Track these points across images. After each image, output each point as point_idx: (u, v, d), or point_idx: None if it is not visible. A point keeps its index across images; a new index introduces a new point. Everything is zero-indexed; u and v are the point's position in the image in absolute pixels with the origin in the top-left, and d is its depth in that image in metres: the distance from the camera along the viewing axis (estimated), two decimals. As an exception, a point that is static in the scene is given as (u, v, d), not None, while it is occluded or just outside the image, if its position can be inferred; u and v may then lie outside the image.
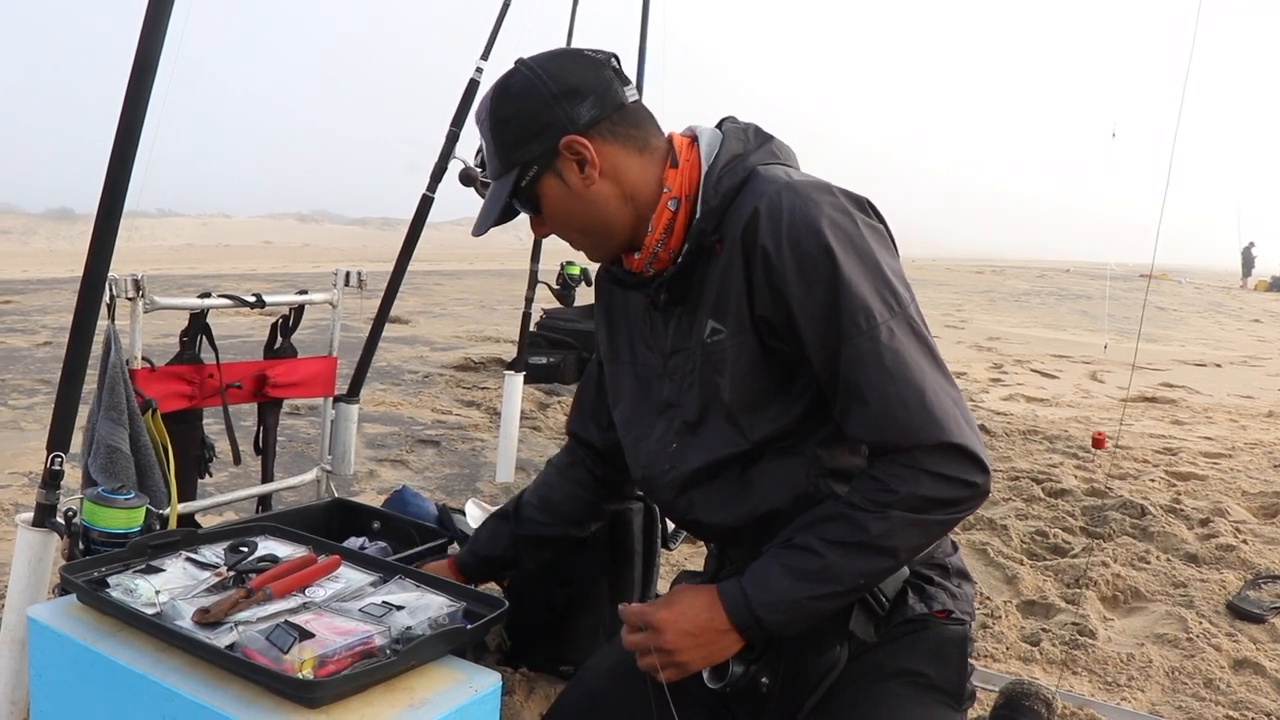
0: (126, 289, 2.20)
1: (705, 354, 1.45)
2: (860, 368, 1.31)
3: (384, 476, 4.69)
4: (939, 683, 1.47)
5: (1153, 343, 13.30)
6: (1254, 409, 8.10)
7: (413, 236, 3.53)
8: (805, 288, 1.33)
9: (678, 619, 1.38)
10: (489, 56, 3.72)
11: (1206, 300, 24.97)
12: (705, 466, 1.49)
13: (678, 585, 1.48)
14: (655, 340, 1.56)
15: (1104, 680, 2.83)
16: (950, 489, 1.31)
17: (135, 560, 1.60)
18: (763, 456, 1.46)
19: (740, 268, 1.39)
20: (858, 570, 1.35)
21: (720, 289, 1.42)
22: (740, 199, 1.41)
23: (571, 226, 1.48)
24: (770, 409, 1.43)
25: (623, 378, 1.64)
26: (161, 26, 1.91)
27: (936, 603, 1.52)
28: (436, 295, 15.70)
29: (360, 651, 1.32)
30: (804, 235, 1.33)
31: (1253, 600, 3.38)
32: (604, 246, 1.50)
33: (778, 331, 1.38)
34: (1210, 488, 5.09)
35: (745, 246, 1.37)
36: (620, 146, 1.44)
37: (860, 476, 1.38)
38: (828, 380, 1.36)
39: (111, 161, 1.92)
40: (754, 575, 1.38)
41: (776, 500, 1.45)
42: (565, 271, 8.74)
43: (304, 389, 2.84)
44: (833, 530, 1.34)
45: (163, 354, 2.47)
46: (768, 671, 1.45)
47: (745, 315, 1.40)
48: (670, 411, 1.53)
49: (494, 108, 1.43)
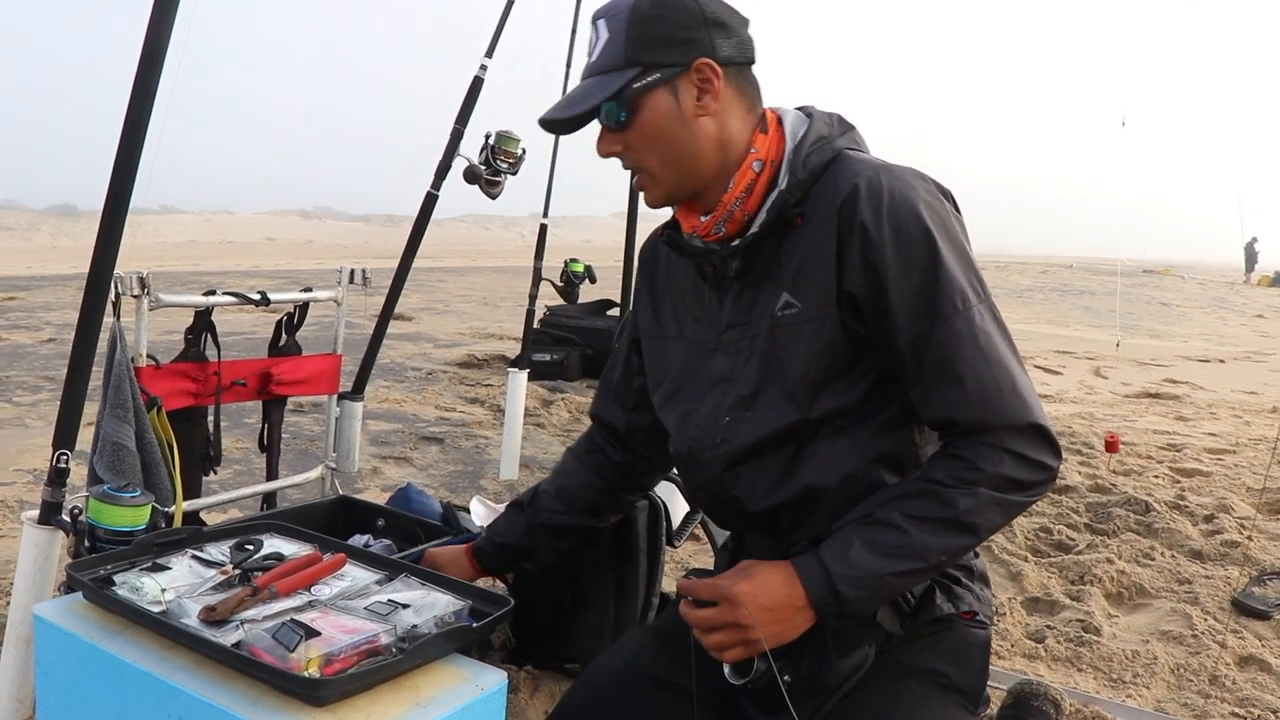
0: (132, 286, 2.20)
1: (773, 327, 1.43)
2: (955, 347, 1.33)
3: (388, 474, 4.70)
4: (959, 684, 1.45)
5: (1156, 338, 13.30)
6: (1258, 404, 8.09)
7: (417, 233, 3.53)
8: (902, 266, 1.34)
9: (756, 592, 1.33)
10: (493, 54, 3.72)
11: (1210, 296, 24.94)
12: (758, 442, 1.46)
13: (745, 561, 1.41)
14: (706, 314, 1.54)
15: (1109, 677, 2.83)
16: (1030, 471, 1.33)
17: (141, 558, 1.60)
18: (816, 435, 1.44)
19: (829, 242, 1.38)
20: (940, 547, 1.34)
21: (800, 263, 1.41)
22: (827, 177, 1.41)
23: (657, 152, 1.43)
24: (834, 386, 1.41)
25: (669, 352, 1.61)
26: (168, 22, 1.91)
27: (963, 603, 1.52)
28: (440, 292, 15.70)
29: (366, 650, 1.32)
30: (904, 215, 1.35)
31: (1258, 597, 3.38)
32: (678, 186, 1.46)
33: (860, 308, 1.37)
34: (1214, 484, 5.08)
35: (841, 221, 1.36)
36: (737, 94, 1.44)
37: (939, 456, 1.38)
38: (911, 360, 1.36)
39: (117, 160, 1.92)
40: (833, 550, 1.34)
41: (825, 479, 1.43)
42: (569, 269, 8.75)
43: (308, 386, 2.84)
44: (917, 506, 1.34)
45: (167, 351, 2.47)
46: (790, 669, 1.44)
47: (830, 290, 1.38)
48: (724, 385, 1.50)
49: (638, 2, 1.40)
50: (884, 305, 1.35)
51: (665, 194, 1.48)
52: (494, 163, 3.58)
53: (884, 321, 1.36)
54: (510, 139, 3.61)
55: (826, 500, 1.44)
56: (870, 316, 1.37)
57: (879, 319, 1.37)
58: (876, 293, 1.36)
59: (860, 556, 1.33)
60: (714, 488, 1.54)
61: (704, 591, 1.37)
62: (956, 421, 1.35)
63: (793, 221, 1.42)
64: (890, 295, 1.35)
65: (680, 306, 1.60)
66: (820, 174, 1.42)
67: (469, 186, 3.59)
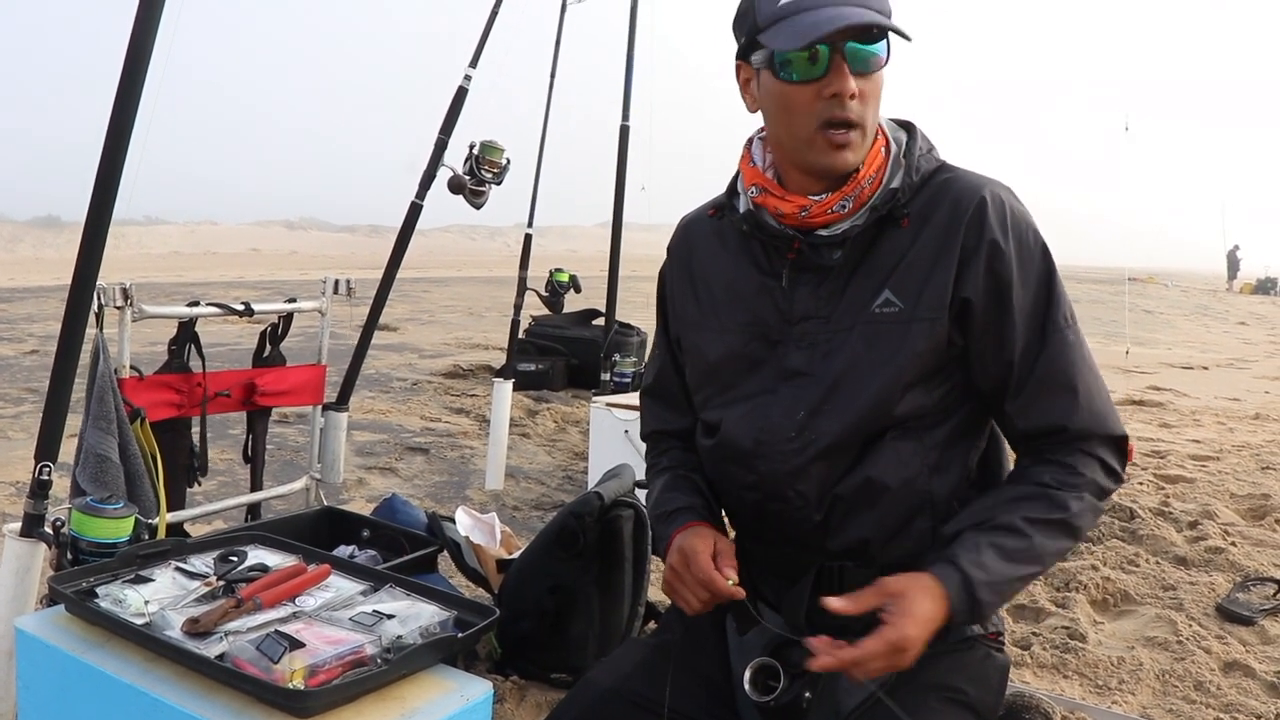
0: (115, 298, 2.19)
1: (868, 323, 1.42)
2: (1069, 359, 1.39)
3: (373, 484, 4.68)
4: (976, 704, 1.44)
5: (1141, 346, 13.36)
6: (1241, 411, 8.13)
7: (402, 244, 3.53)
8: (1023, 279, 1.39)
9: (923, 634, 1.29)
10: (477, 64, 3.73)
11: (1193, 303, 25.10)
12: (839, 437, 1.43)
13: (886, 583, 1.32)
14: (766, 303, 1.49)
15: (1095, 684, 2.83)
16: (1112, 481, 1.40)
17: (124, 570, 1.59)
18: (885, 434, 1.43)
19: (947, 249, 1.38)
20: (1054, 550, 1.37)
21: (905, 264, 1.41)
22: (936, 185, 1.42)
23: (875, 107, 1.39)
24: (917, 389, 1.41)
25: (718, 343, 1.55)
26: (151, 32, 1.91)
27: (990, 623, 1.52)
28: (425, 302, 15.68)
29: (351, 661, 1.32)
30: (1025, 232, 1.41)
31: (1242, 602, 3.39)
32: (866, 149, 1.41)
33: (971, 316, 1.38)
34: (1198, 490, 5.10)
35: (968, 232, 1.38)
36: None
37: (1035, 461, 1.41)
38: (1021, 368, 1.39)
39: (100, 170, 1.91)
40: (969, 557, 1.32)
41: (887, 477, 1.42)
42: (554, 278, 8.75)
43: (293, 397, 2.84)
44: (1034, 509, 1.36)
45: (151, 362, 2.46)
46: (810, 686, 1.43)
47: (945, 294, 1.38)
48: (800, 380, 1.46)
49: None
50: (1002, 314, 1.38)
51: (863, 155, 1.41)
52: (478, 173, 3.58)
53: (998, 330, 1.39)
54: (495, 149, 3.61)
55: (884, 500, 1.43)
56: (979, 325, 1.39)
57: (990, 328, 1.39)
58: (997, 302, 1.38)
59: (994, 564, 1.33)
60: (776, 482, 1.48)
61: (875, 648, 1.26)
62: (1066, 429, 1.38)
63: (899, 221, 1.42)
64: (1013, 305, 1.38)
65: (729, 297, 1.54)
66: (927, 180, 1.43)
67: (454, 196, 3.59)
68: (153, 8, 1.93)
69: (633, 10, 5.06)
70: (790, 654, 1.47)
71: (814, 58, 1.33)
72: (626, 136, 4.99)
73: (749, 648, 1.53)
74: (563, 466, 5.21)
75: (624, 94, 4.98)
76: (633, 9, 5.06)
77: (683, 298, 1.62)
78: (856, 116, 1.35)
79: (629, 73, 5.00)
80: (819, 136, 1.37)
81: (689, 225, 1.64)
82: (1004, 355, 1.39)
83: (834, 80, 1.33)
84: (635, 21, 5.03)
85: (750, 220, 1.49)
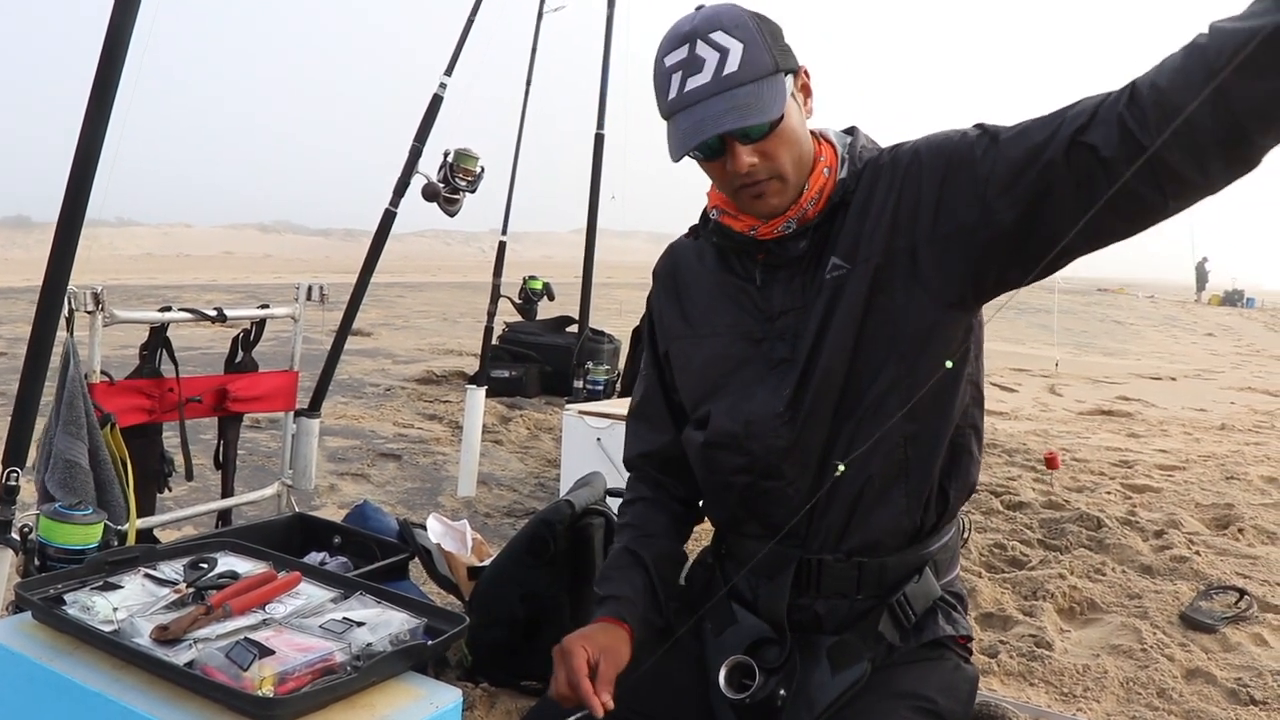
0: (86, 302, 2.18)
1: (821, 290, 1.47)
2: (1043, 119, 1.31)
3: (345, 490, 4.66)
4: (944, 714, 1.47)
5: (1110, 356, 13.49)
6: (1207, 422, 8.23)
7: (376, 249, 3.53)
8: (961, 138, 1.40)
9: None
10: (452, 72, 3.74)
11: (1162, 314, 25.36)
12: (816, 401, 1.47)
13: None
14: (746, 307, 1.56)
15: (1060, 691, 2.86)
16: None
17: (93, 577, 1.58)
18: (866, 393, 1.46)
19: (886, 201, 1.44)
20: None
21: (853, 230, 1.46)
22: (876, 165, 1.48)
23: (791, 155, 1.43)
24: (881, 345, 1.45)
25: (706, 348, 1.61)
26: (126, 32, 1.90)
27: (960, 628, 1.55)
28: (399, 308, 15.62)
29: (321, 668, 1.32)
30: (933, 134, 1.46)
31: (1205, 610, 3.44)
32: (796, 189, 1.46)
33: (961, 206, 1.38)
34: (1165, 500, 5.17)
35: (899, 172, 1.44)
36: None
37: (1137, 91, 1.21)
38: (1033, 158, 1.31)
39: (73, 171, 1.91)
40: None
41: (867, 422, 1.45)
42: (527, 286, 8.76)
43: (265, 403, 2.83)
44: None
45: (122, 366, 2.45)
46: (785, 684, 1.45)
47: (882, 238, 1.43)
48: (783, 366, 1.51)
49: (756, 15, 1.40)
50: (980, 168, 1.36)
51: (790, 198, 1.46)
52: (453, 180, 3.59)
53: (998, 171, 1.34)
54: (469, 157, 3.62)
55: (866, 471, 1.46)
56: (987, 191, 1.35)
57: (987, 185, 1.35)
58: (965, 169, 1.38)
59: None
60: (768, 461, 1.52)
61: None
62: (1134, 82, 1.22)
63: (846, 204, 1.48)
64: (975, 156, 1.37)
65: (711, 305, 1.61)
66: (871, 163, 1.49)
67: (428, 204, 3.59)
68: (128, 8, 1.92)
69: (609, 19, 5.09)
70: (766, 652, 1.49)
71: (704, 148, 1.41)
72: (601, 144, 5.02)
73: (725, 647, 1.56)
74: (535, 473, 5.21)
75: (599, 102, 5.02)
76: (609, 18, 5.09)
77: (670, 314, 1.68)
78: (766, 174, 1.42)
79: (604, 81, 5.02)
80: (740, 194, 1.46)
81: (673, 249, 1.73)
82: (1023, 177, 1.32)
83: (730, 160, 1.41)
84: (611, 30, 5.06)
85: (719, 231, 1.57)
